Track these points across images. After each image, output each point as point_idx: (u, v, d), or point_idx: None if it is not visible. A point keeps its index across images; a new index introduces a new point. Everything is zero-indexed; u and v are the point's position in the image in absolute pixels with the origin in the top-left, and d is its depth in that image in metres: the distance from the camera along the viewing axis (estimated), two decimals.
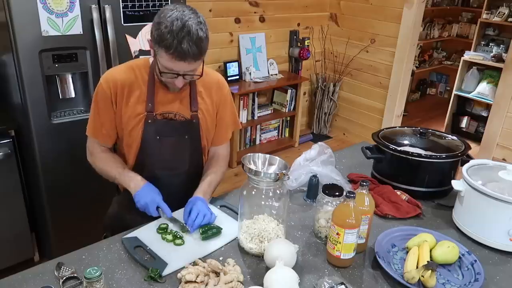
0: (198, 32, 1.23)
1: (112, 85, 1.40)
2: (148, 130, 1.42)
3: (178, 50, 1.22)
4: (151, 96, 1.41)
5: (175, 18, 1.22)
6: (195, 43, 1.23)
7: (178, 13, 1.23)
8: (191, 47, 1.23)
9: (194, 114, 1.47)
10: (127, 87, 1.41)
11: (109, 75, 1.42)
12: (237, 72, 3.66)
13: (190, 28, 1.22)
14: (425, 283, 1.13)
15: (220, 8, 3.40)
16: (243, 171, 1.25)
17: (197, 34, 1.23)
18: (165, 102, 1.44)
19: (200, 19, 1.26)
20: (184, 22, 1.22)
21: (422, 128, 1.72)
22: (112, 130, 1.47)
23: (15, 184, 2.17)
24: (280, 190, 1.26)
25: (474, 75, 4.52)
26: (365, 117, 4.22)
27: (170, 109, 1.45)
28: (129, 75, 1.42)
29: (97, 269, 1.02)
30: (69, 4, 1.94)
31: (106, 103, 1.42)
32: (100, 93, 1.42)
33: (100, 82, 1.42)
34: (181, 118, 1.46)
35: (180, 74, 1.31)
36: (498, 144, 3.28)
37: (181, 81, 1.33)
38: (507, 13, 4.32)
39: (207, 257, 1.23)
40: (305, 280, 1.16)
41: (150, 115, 1.41)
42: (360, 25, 4.02)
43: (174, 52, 1.23)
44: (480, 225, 1.35)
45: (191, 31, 1.22)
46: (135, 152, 1.47)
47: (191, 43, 1.22)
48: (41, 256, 2.41)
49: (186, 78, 1.34)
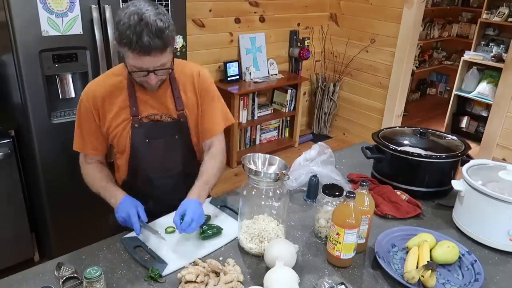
0: (157, 23, 1.19)
1: (92, 98, 1.39)
2: (135, 134, 1.41)
3: (139, 45, 1.19)
4: (134, 100, 1.39)
5: (132, 13, 1.20)
6: (155, 34, 1.19)
7: (134, 7, 1.21)
8: (152, 39, 1.19)
9: (181, 113, 1.45)
10: (107, 98, 1.39)
11: (89, 89, 1.41)
12: (237, 72, 3.66)
13: (148, 20, 1.18)
14: (425, 283, 1.13)
15: (220, 8, 3.40)
16: (243, 171, 1.25)
17: (156, 25, 1.19)
18: (148, 105, 1.42)
19: (159, 10, 1.23)
20: (141, 15, 1.19)
21: (422, 128, 1.72)
22: (98, 142, 1.46)
23: (15, 184, 2.17)
24: (280, 190, 1.26)
25: (474, 75, 4.52)
26: (365, 117, 4.22)
27: (155, 111, 1.43)
28: (108, 85, 1.40)
29: (97, 269, 1.02)
30: (69, 4, 1.94)
31: (88, 117, 1.41)
32: (82, 107, 1.41)
33: (81, 97, 1.42)
34: (167, 119, 1.44)
35: (150, 70, 1.27)
36: (498, 144, 3.28)
37: (154, 78, 1.29)
38: (507, 13, 4.32)
39: (207, 257, 1.23)
40: (305, 280, 1.16)
41: (136, 119, 1.40)
42: (360, 25, 4.02)
43: (135, 47, 1.19)
44: (480, 225, 1.35)
45: (149, 23, 1.18)
46: (126, 158, 1.47)
47: (151, 35, 1.18)
48: (41, 256, 2.41)
49: (157, 74, 1.30)
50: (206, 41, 3.40)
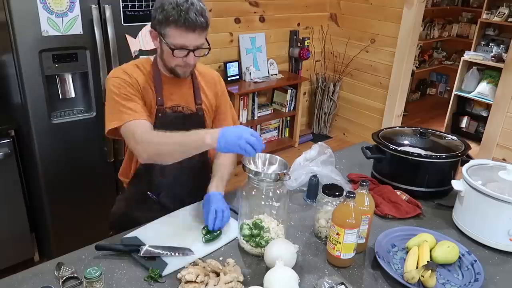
0: (200, 4, 1.31)
1: (130, 76, 1.39)
2: (158, 124, 1.43)
3: (187, 20, 1.27)
4: (160, 90, 1.44)
5: None
6: (200, 13, 1.29)
7: None
8: (198, 16, 1.28)
9: (199, 107, 1.51)
10: (139, 82, 1.41)
11: (121, 70, 1.40)
12: (237, 72, 3.66)
13: (193, 0, 1.29)
14: (425, 283, 1.13)
15: (220, 8, 3.40)
16: (243, 171, 1.25)
17: (199, 5, 1.30)
18: (172, 96, 1.47)
19: None
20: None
21: (422, 128, 1.72)
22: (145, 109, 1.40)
23: (15, 184, 2.17)
24: (280, 190, 1.26)
25: (474, 75, 4.52)
26: (365, 117, 4.22)
27: (178, 103, 1.47)
28: (135, 71, 1.42)
29: (97, 269, 1.02)
30: (69, 4, 1.94)
31: (134, 89, 1.38)
32: (123, 83, 1.37)
33: (116, 76, 1.37)
34: (188, 111, 1.49)
35: (190, 49, 1.33)
36: (498, 144, 3.28)
37: (193, 57, 1.36)
38: (507, 13, 4.32)
39: (207, 257, 1.23)
40: (305, 280, 1.16)
41: (161, 108, 1.44)
42: (360, 25, 4.02)
43: (184, 23, 1.27)
44: (480, 225, 1.35)
45: (194, 2, 1.29)
46: None
47: (197, 13, 1.28)
48: (41, 256, 2.41)
49: (196, 54, 1.36)
50: None
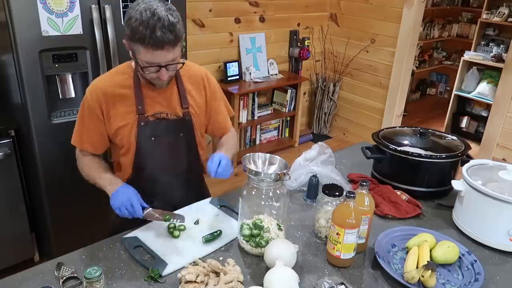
0: (169, 18, 1.22)
1: (96, 96, 1.39)
2: (142, 132, 1.41)
3: (153, 39, 1.21)
4: (140, 98, 1.40)
5: (143, 9, 1.23)
6: (168, 29, 1.22)
7: (144, 4, 1.24)
8: (165, 33, 1.21)
9: (186, 112, 1.47)
10: (113, 95, 1.40)
11: (94, 86, 1.41)
12: (237, 72, 3.66)
13: (160, 15, 1.21)
14: (425, 283, 1.13)
15: (220, 8, 3.40)
16: (243, 171, 1.25)
17: (168, 20, 1.22)
18: (154, 103, 1.43)
19: (168, 5, 1.27)
20: (152, 10, 1.22)
21: (422, 128, 1.72)
22: (97, 140, 1.46)
23: (15, 184, 2.17)
24: (280, 190, 1.26)
25: (474, 75, 4.52)
26: (365, 117, 4.22)
27: (161, 109, 1.44)
28: (114, 83, 1.41)
29: (97, 269, 1.02)
30: (69, 4, 1.94)
31: (91, 115, 1.41)
32: (86, 105, 1.41)
33: (86, 94, 1.41)
34: (173, 117, 1.45)
35: (161, 65, 1.29)
36: (498, 144, 3.28)
37: (165, 73, 1.31)
38: (507, 13, 4.32)
39: (207, 257, 1.23)
40: (305, 280, 1.16)
41: (142, 117, 1.41)
42: (360, 25, 4.02)
43: (149, 42, 1.22)
44: (480, 225, 1.35)
45: (161, 17, 1.21)
46: (131, 157, 1.46)
47: (164, 29, 1.21)
48: (41, 256, 2.41)
49: (168, 69, 1.32)
50: (206, 41, 3.40)
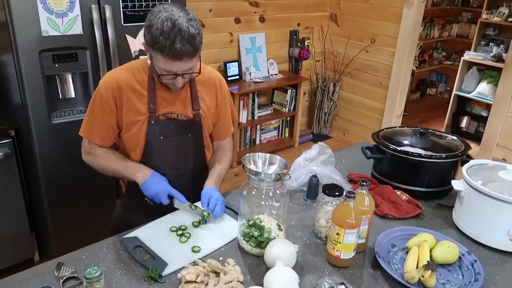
0: (189, 30, 1.23)
1: (111, 89, 1.39)
2: (151, 131, 1.42)
3: (172, 51, 1.22)
4: (153, 97, 1.41)
5: (165, 18, 1.22)
6: (188, 41, 1.22)
7: (167, 13, 1.23)
8: (185, 45, 1.22)
9: (196, 113, 1.48)
10: (127, 90, 1.40)
11: (109, 79, 1.41)
12: (237, 72, 3.66)
13: (181, 27, 1.21)
14: (425, 283, 1.13)
15: (220, 8, 3.40)
16: (243, 171, 1.25)
17: (188, 32, 1.22)
18: (166, 103, 1.44)
19: (190, 15, 1.26)
20: (174, 21, 1.22)
21: (422, 128, 1.72)
22: (107, 134, 1.46)
23: (15, 184, 2.17)
24: (280, 190, 1.26)
25: (474, 75, 4.52)
26: (365, 117, 4.22)
27: (172, 110, 1.45)
28: (129, 77, 1.41)
29: (97, 269, 1.02)
30: (69, 4, 1.94)
31: (103, 108, 1.41)
32: (99, 97, 1.41)
33: (99, 87, 1.41)
34: (183, 118, 1.47)
35: (178, 74, 1.31)
36: (498, 144, 3.28)
37: (181, 80, 1.34)
38: (507, 13, 4.32)
39: (207, 257, 1.23)
40: (305, 280, 1.16)
41: (153, 116, 1.42)
42: (360, 25, 4.02)
43: (168, 53, 1.23)
44: (480, 225, 1.35)
45: (182, 29, 1.21)
46: (139, 154, 1.47)
47: (184, 41, 1.22)
48: (41, 256, 2.41)
49: (185, 77, 1.34)
50: (206, 41, 3.34)
